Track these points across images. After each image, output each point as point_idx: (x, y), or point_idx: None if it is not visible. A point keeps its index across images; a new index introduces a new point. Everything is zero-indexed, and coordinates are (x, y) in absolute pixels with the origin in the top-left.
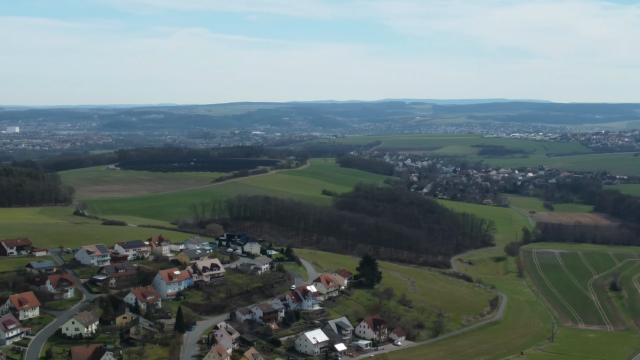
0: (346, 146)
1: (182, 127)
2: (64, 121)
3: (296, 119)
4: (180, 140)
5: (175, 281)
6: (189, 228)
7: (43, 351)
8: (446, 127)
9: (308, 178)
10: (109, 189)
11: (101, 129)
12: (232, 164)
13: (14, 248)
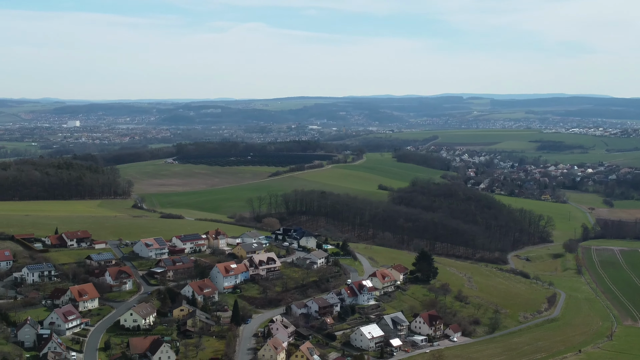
0: (403, 141)
1: (240, 121)
2: (123, 115)
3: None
4: (238, 134)
5: (231, 274)
6: (245, 222)
7: (102, 342)
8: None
9: (364, 173)
10: (167, 183)
11: (159, 123)
12: (288, 158)
13: (74, 240)
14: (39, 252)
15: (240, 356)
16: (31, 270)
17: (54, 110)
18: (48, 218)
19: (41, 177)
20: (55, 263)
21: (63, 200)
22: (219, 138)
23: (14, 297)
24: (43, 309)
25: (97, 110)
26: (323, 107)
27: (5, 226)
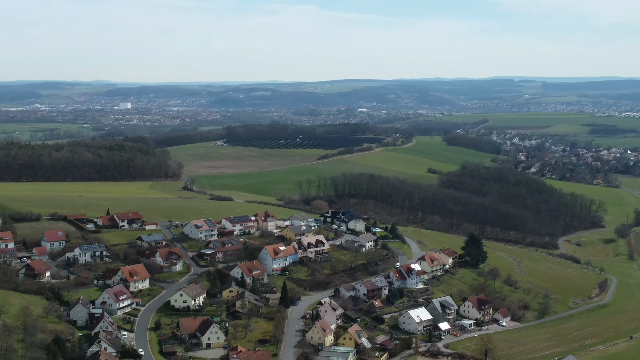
0: (452, 124)
1: (289, 104)
2: (174, 98)
3: (402, 96)
4: (287, 117)
5: (280, 257)
6: (294, 204)
7: (152, 322)
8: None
9: (413, 156)
10: (217, 165)
11: (210, 105)
12: (337, 141)
13: (126, 221)
14: (91, 233)
15: (289, 338)
16: (83, 251)
17: (106, 92)
18: (100, 199)
19: (93, 158)
20: (107, 244)
21: (114, 181)
22: (268, 121)
23: (66, 276)
24: (95, 289)
25: (148, 92)
26: (372, 90)
27: (58, 207)
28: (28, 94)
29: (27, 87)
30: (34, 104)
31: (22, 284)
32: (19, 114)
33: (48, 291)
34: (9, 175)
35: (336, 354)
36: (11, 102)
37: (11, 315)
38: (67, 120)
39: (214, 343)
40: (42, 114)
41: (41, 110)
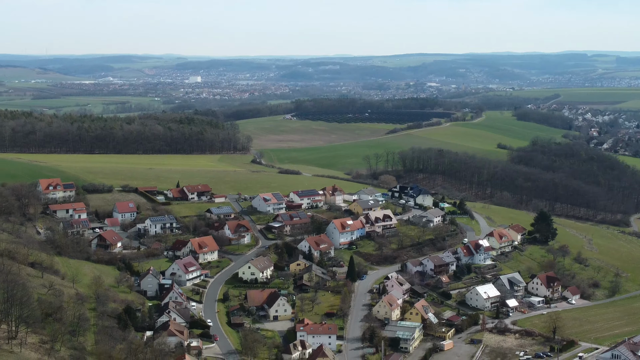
0: (523, 99)
1: (357, 78)
2: (243, 71)
3: (472, 70)
4: (355, 91)
5: (347, 231)
6: (362, 179)
7: (220, 293)
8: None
9: (483, 131)
10: (285, 139)
11: (279, 79)
12: (406, 115)
13: (195, 194)
14: (161, 205)
15: (355, 312)
16: (154, 222)
17: (176, 66)
18: (170, 172)
19: (164, 131)
20: (177, 215)
21: (184, 154)
22: (337, 95)
23: (137, 247)
24: (165, 260)
25: (218, 66)
26: (442, 64)
27: (129, 179)
28: (101, 68)
29: (100, 60)
30: (107, 77)
31: (94, 254)
32: (91, 87)
33: (119, 261)
34: (82, 148)
35: (403, 328)
36: (84, 75)
37: (84, 284)
38: (139, 94)
39: (281, 315)
40: (114, 87)
41: (113, 83)
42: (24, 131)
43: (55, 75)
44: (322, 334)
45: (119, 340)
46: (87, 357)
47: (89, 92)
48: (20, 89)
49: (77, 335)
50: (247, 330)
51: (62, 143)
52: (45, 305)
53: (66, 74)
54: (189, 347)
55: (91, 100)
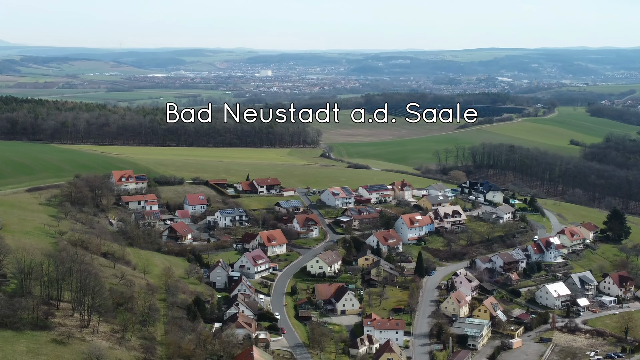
0: (597, 95)
1: (428, 72)
2: (314, 65)
3: (545, 65)
4: (426, 85)
5: (416, 226)
6: (431, 174)
7: (288, 287)
8: None
9: (555, 127)
10: (355, 133)
11: (349, 73)
12: (476, 110)
13: (264, 187)
14: (231, 198)
15: (423, 307)
16: (224, 215)
17: (247, 59)
18: (240, 165)
19: (234, 125)
20: (246, 208)
21: (254, 147)
22: (407, 89)
23: (207, 239)
24: (234, 252)
25: (289, 60)
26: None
27: (200, 171)
28: (173, 61)
29: (172, 54)
30: (178, 70)
31: (165, 246)
32: (164, 80)
33: (189, 253)
34: (154, 140)
35: (471, 325)
36: (157, 68)
37: (154, 275)
38: (210, 87)
39: (348, 310)
40: (186, 80)
41: (185, 76)
42: (98, 123)
43: (128, 68)
44: (390, 330)
45: (188, 331)
46: (157, 347)
47: (161, 85)
48: (94, 82)
49: (147, 325)
50: (314, 324)
51: (135, 135)
52: (116, 295)
53: (139, 67)
54: (257, 339)
55: (163, 93)
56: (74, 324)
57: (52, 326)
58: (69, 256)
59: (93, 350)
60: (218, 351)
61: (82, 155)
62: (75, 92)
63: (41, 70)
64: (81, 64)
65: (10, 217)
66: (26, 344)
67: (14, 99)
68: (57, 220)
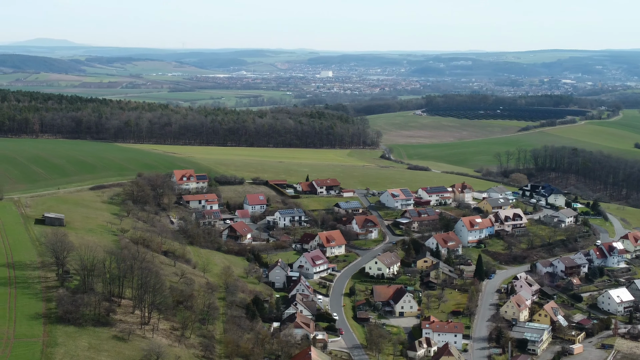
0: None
1: (490, 74)
2: (374, 66)
3: (609, 67)
4: (487, 87)
5: (476, 229)
6: (492, 176)
7: (347, 287)
8: None
9: (620, 130)
10: (415, 134)
11: (409, 74)
12: (539, 113)
13: (324, 188)
14: (290, 198)
15: (482, 311)
16: (283, 215)
17: (308, 60)
18: (300, 165)
19: (295, 125)
20: (305, 209)
21: (314, 148)
22: (468, 91)
23: (266, 239)
24: (292, 253)
25: (349, 61)
26: (578, 61)
27: (260, 172)
28: (234, 62)
29: (234, 54)
30: (240, 71)
31: (224, 245)
32: (225, 80)
33: (249, 252)
34: (215, 140)
35: (531, 330)
36: (219, 69)
37: (214, 274)
38: (271, 88)
39: (407, 312)
40: (247, 81)
41: (246, 77)
42: (160, 123)
43: (191, 68)
44: (448, 332)
45: (246, 330)
46: (216, 346)
47: (222, 85)
48: (157, 82)
49: (206, 324)
50: (372, 325)
51: (196, 135)
52: (176, 293)
53: (201, 68)
54: (315, 339)
55: (225, 94)
56: (135, 320)
57: (113, 323)
58: (131, 254)
59: (153, 347)
60: (276, 351)
61: (145, 154)
62: (139, 92)
63: (105, 70)
64: (144, 64)
65: (74, 214)
66: (88, 339)
67: (79, 99)
68: (119, 219)
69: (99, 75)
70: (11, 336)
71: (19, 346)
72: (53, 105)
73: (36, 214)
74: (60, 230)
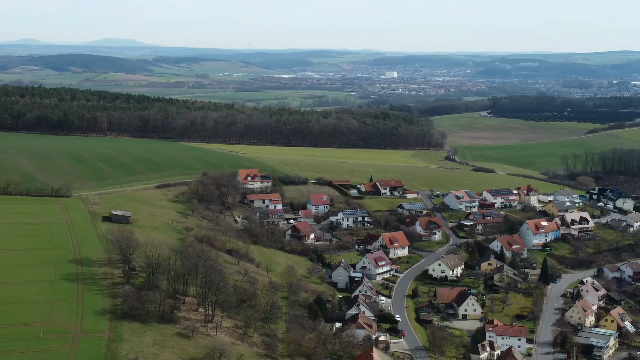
0: None
1: (557, 75)
2: (439, 67)
3: None
4: (554, 89)
5: (541, 232)
6: (558, 179)
7: (410, 289)
8: None
9: None
10: (480, 136)
11: (475, 75)
12: (607, 115)
13: (387, 189)
14: (354, 198)
15: (547, 315)
16: (346, 215)
17: (373, 61)
18: (363, 166)
19: (359, 126)
20: (369, 210)
21: (378, 149)
22: (534, 92)
23: (329, 239)
24: (355, 253)
25: (414, 62)
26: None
27: (324, 172)
28: (299, 62)
29: (299, 55)
30: (305, 71)
31: (288, 244)
32: (290, 81)
33: (312, 252)
34: (280, 140)
35: (597, 335)
36: (284, 69)
37: (277, 273)
38: (335, 88)
39: (470, 314)
40: (312, 81)
41: (311, 77)
42: (226, 122)
43: (256, 69)
44: (512, 336)
45: (308, 330)
46: (278, 344)
47: (287, 85)
48: (223, 82)
49: (269, 323)
50: (435, 328)
51: (261, 135)
52: (240, 291)
53: (266, 68)
54: (377, 340)
55: (289, 94)
56: (199, 318)
57: (177, 320)
58: (195, 252)
59: (216, 344)
60: (338, 351)
61: (210, 153)
62: (205, 92)
63: (172, 70)
64: (211, 64)
65: (140, 212)
66: (152, 336)
67: (146, 98)
68: (184, 217)
69: (165, 75)
70: (78, 331)
71: (86, 341)
72: (121, 105)
73: (103, 212)
74: (127, 228)
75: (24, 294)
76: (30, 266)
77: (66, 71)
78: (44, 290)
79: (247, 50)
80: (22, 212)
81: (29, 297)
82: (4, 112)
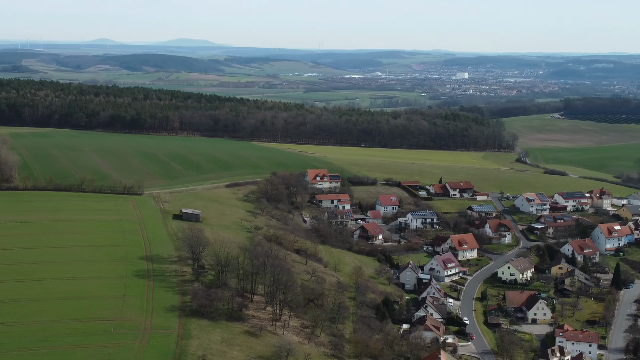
0: None
1: (632, 77)
2: (511, 68)
3: None
4: (630, 90)
5: (614, 236)
6: (632, 183)
7: (478, 292)
8: None
9: None
10: (552, 138)
11: (548, 77)
12: None
13: (457, 190)
14: (422, 200)
15: (619, 321)
16: (415, 217)
17: (444, 61)
18: (433, 167)
19: (429, 127)
20: (438, 211)
21: (448, 150)
22: (609, 94)
23: (397, 241)
24: (424, 255)
25: (486, 62)
26: None
27: (393, 173)
28: (370, 62)
29: (369, 55)
30: (375, 72)
31: (355, 245)
32: (360, 81)
33: (380, 253)
34: (349, 140)
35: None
36: (354, 69)
37: (345, 273)
38: (405, 89)
39: (539, 319)
40: (382, 81)
41: (381, 78)
42: (295, 122)
43: (326, 69)
44: (583, 342)
45: (376, 331)
46: (345, 345)
47: (357, 86)
48: (293, 82)
49: (336, 323)
50: (504, 331)
51: (330, 135)
52: (307, 291)
53: (336, 68)
54: (444, 343)
55: (359, 95)
56: (266, 317)
57: (245, 318)
58: (264, 251)
59: (284, 343)
60: (405, 353)
61: (279, 153)
62: (275, 92)
63: (243, 70)
64: (281, 65)
65: (210, 211)
66: (221, 333)
67: (217, 98)
68: (253, 216)
69: (236, 75)
70: (148, 327)
71: (155, 337)
72: (192, 104)
73: (174, 210)
74: (197, 226)
75: (97, 290)
76: (103, 262)
77: (139, 71)
78: (115, 286)
79: (317, 51)
80: (96, 209)
81: (102, 292)
82: (79, 110)
